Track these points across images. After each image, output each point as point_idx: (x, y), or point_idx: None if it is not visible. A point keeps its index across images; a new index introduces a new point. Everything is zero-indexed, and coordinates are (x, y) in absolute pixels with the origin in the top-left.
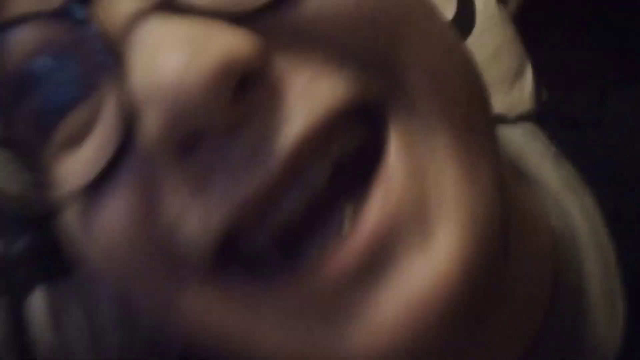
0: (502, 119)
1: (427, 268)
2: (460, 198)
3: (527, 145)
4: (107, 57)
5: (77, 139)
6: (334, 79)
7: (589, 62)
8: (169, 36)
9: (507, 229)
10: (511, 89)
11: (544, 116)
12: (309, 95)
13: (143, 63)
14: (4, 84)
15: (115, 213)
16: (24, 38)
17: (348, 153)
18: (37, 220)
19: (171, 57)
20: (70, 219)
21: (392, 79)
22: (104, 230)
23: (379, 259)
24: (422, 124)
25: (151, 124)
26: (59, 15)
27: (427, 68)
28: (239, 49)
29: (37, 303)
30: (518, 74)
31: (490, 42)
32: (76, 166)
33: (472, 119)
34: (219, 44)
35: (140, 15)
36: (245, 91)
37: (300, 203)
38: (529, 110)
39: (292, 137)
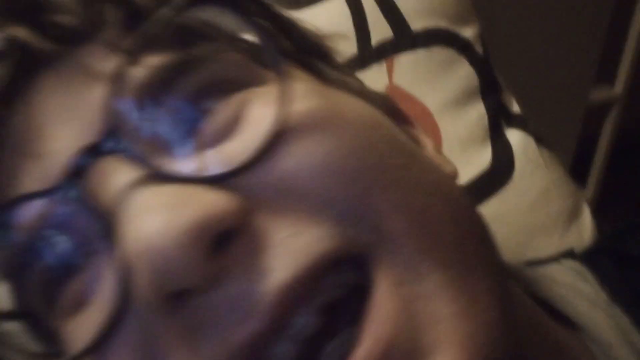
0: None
1: None
2: (455, 337)
3: (574, 289)
4: (101, 227)
5: (80, 303)
6: (314, 230)
7: None
8: (152, 202)
9: None
10: (566, 231)
11: (598, 255)
12: (291, 247)
13: (130, 229)
14: (9, 258)
15: None
16: (24, 215)
17: (335, 296)
18: None
19: (152, 220)
20: None
21: (372, 226)
22: None
23: None
24: (408, 266)
25: (141, 284)
26: (54, 193)
27: (406, 213)
28: (214, 209)
29: None
30: (572, 216)
31: (534, 186)
32: (81, 328)
33: (466, 257)
34: (194, 205)
35: (129, 188)
36: (224, 247)
37: (290, 348)
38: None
39: (276, 286)
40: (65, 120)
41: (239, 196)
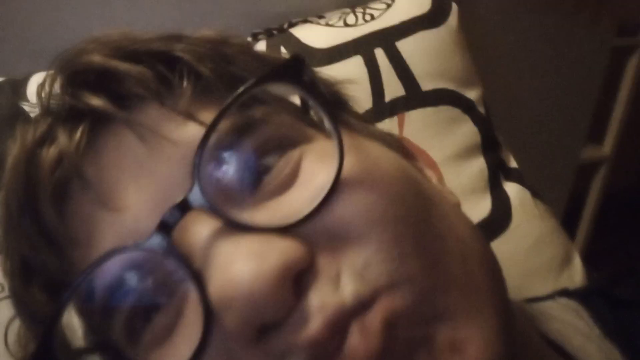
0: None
1: None
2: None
3: (569, 324)
4: (187, 273)
5: (162, 339)
6: (352, 268)
7: None
8: (237, 252)
9: None
10: (559, 276)
11: (591, 295)
12: (346, 284)
13: (218, 275)
14: (100, 301)
15: None
16: (110, 267)
17: None
18: None
19: (242, 268)
20: None
21: (395, 264)
22: None
23: None
24: (418, 293)
25: (229, 322)
26: (147, 245)
27: (424, 256)
28: (292, 255)
29: None
30: (564, 263)
31: (530, 234)
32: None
33: (476, 286)
34: (277, 253)
35: (213, 238)
36: (297, 285)
37: None
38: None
39: (340, 318)
40: (139, 177)
41: (304, 240)
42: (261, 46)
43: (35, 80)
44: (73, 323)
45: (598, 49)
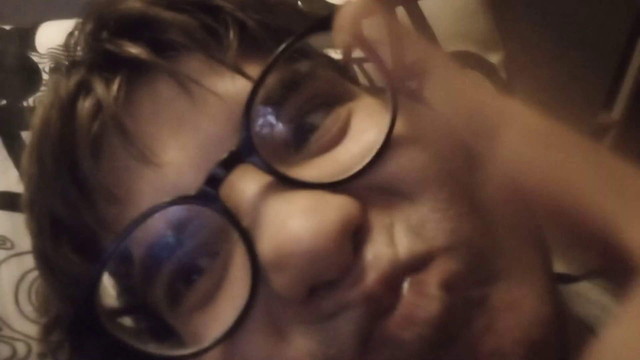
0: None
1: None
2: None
3: (606, 309)
4: (235, 230)
5: (204, 302)
6: (406, 224)
7: None
8: (291, 208)
9: None
10: None
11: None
12: (398, 239)
13: (272, 233)
14: (143, 260)
15: (246, 353)
16: (152, 224)
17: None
18: None
19: (300, 225)
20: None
21: (449, 222)
22: None
23: None
24: (472, 264)
25: (282, 281)
26: (194, 199)
27: (476, 216)
28: (349, 211)
29: None
30: None
31: None
32: (212, 321)
33: (526, 252)
34: (334, 209)
35: (261, 194)
36: (353, 243)
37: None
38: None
39: (395, 274)
40: (181, 131)
41: (356, 196)
42: None
43: (43, 29)
44: (105, 283)
45: (624, 12)
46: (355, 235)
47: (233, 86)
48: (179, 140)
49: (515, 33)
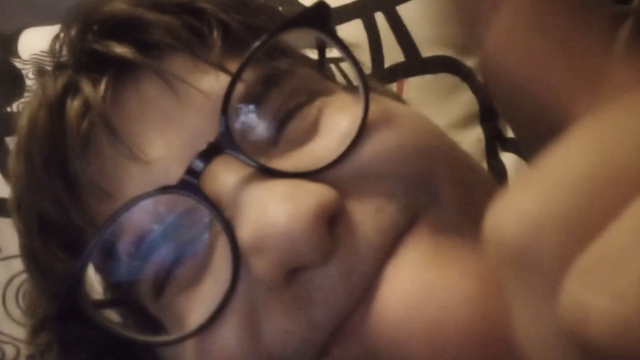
0: None
1: None
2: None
3: None
4: (216, 218)
5: (186, 290)
6: (392, 205)
7: None
8: (270, 195)
9: None
10: None
11: None
12: (378, 224)
13: (252, 218)
14: (127, 250)
15: (226, 339)
16: (135, 215)
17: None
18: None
19: (278, 209)
20: (184, 349)
21: (430, 192)
22: (216, 354)
23: None
24: (450, 222)
25: (261, 264)
26: (175, 189)
27: (454, 182)
28: (326, 197)
29: None
30: None
31: None
32: (194, 307)
33: None
34: (311, 196)
35: (240, 183)
36: (330, 229)
37: None
38: None
39: (374, 258)
40: (167, 128)
41: (332, 185)
42: None
43: (26, 35)
44: (92, 280)
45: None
46: (332, 222)
47: (217, 83)
48: (165, 136)
49: None
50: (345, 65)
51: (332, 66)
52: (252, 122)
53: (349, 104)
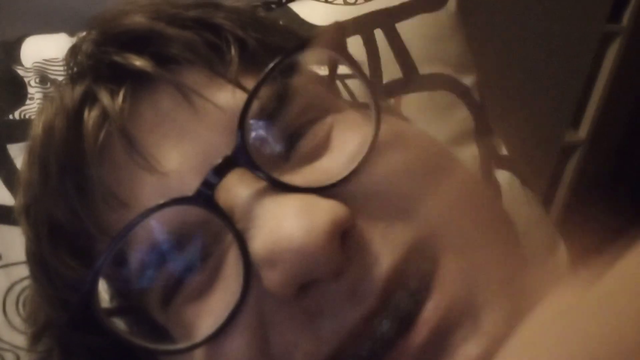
0: None
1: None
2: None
3: None
4: (229, 230)
5: (194, 301)
6: (402, 223)
7: None
8: (285, 210)
9: None
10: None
11: None
12: (389, 240)
13: (267, 232)
14: (140, 259)
15: (235, 350)
16: (150, 225)
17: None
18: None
19: (293, 224)
20: (192, 356)
21: (440, 217)
22: None
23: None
24: (466, 248)
25: (275, 277)
26: (190, 200)
27: (463, 208)
28: (338, 214)
29: None
30: (550, 251)
31: (519, 221)
32: (203, 318)
33: (505, 240)
34: (324, 212)
35: (254, 196)
36: (342, 244)
37: (391, 325)
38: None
39: (384, 273)
40: (183, 140)
41: (343, 202)
42: None
43: (29, 43)
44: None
45: (589, 34)
46: (344, 238)
47: (233, 98)
48: (180, 148)
49: (486, 56)
50: (352, 82)
51: (338, 83)
52: (265, 137)
53: (358, 122)
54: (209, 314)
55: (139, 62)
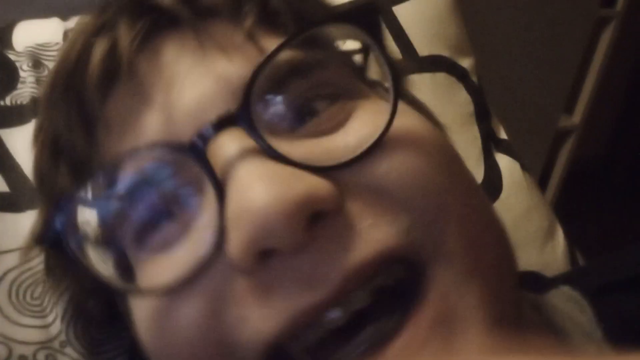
0: (544, 283)
1: None
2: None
3: (571, 320)
4: (210, 184)
5: (167, 245)
6: (391, 225)
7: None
8: (262, 174)
9: None
10: (543, 247)
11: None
12: (370, 236)
13: (238, 192)
14: (123, 194)
15: (187, 314)
16: (139, 160)
17: (385, 284)
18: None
19: (262, 189)
20: (144, 307)
21: (436, 238)
22: (174, 326)
23: None
24: (456, 280)
25: (235, 239)
26: (182, 148)
27: (465, 231)
28: (317, 191)
29: None
30: (549, 235)
31: (518, 205)
32: (165, 268)
33: (499, 270)
34: (301, 185)
35: (241, 156)
36: (316, 223)
37: (340, 317)
38: (569, 273)
39: (350, 265)
40: (186, 85)
41: (337, 184)
42: None
43: (20, 28)
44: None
45: (583, 18)
46: (319, 218)
47: (244, 53)
48: (183, 92)
49: (483, 39)
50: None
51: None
52: (274, 103)
53: (378, 112)
54: (171, 267)
55: (168, 1)
